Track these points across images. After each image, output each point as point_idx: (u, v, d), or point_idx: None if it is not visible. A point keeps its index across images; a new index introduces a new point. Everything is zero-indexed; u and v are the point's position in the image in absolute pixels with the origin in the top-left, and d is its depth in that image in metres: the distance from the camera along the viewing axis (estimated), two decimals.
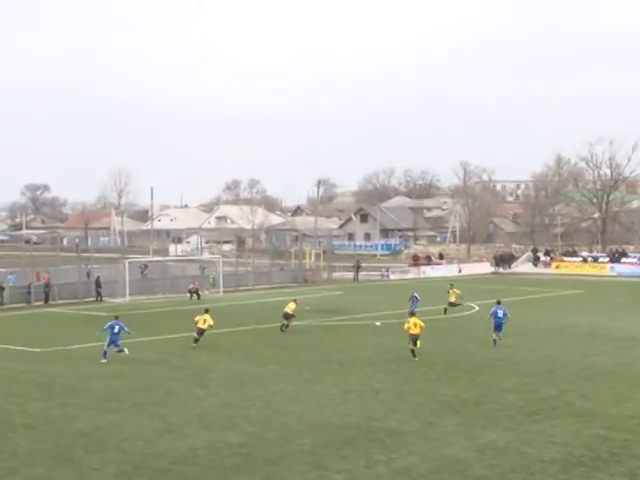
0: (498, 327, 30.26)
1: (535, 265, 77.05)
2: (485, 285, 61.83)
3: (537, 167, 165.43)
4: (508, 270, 77.26)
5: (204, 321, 30.83)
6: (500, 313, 30.37)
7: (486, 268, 77.83)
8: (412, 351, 27.26)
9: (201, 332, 31.13)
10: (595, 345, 30.52)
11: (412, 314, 28.63)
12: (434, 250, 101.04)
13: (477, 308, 44.12)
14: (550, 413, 19.91)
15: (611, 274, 70.40)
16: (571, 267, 73.42)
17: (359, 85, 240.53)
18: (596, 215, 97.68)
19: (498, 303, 31.06)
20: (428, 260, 79.86)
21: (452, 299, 39.39)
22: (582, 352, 28.81)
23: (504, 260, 78.80)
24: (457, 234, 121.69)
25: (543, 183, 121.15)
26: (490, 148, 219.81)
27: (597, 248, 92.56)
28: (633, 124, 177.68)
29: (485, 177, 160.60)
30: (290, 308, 35.09)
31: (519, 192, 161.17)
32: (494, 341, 30.12)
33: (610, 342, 31.20)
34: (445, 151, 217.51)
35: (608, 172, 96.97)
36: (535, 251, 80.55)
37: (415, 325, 27.42)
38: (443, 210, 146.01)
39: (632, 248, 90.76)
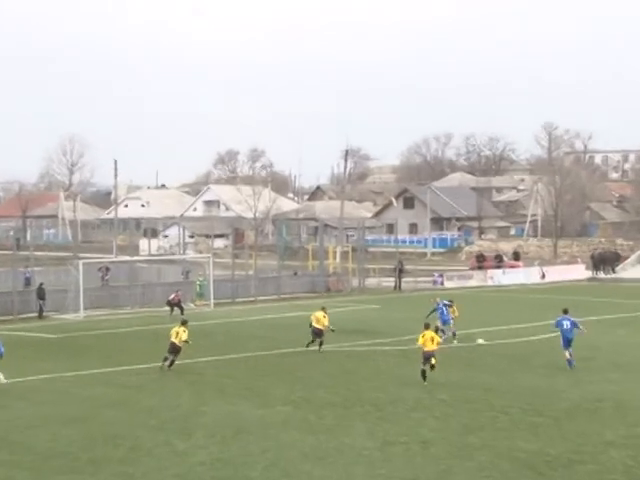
0: (567, 342, 32.71)
1: None
2: (578, 296, 61.48)
3: None
4: (611, 275, 76.86)
5: (176, 334, 32.09)
6: (567, 324, 32.80)
7: (580, 272, 77.59)
8: (423, 372, 29.57)
9: (174, 349, 32.11)
10: None
11: (427, 326, 30.73)
12: (507, 247, 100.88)
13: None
14: None
15: None
16: None
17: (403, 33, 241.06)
18: None
19: (565, 312, 33.36)
20: (498, 261, 79.66)
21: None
22: None
23: (605, 261, 78.48)
24: (539, 225, 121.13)
25: None
26: (586, 106, 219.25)
27: None
28: None
29: (579, 146, 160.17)
30: (320, 322, 36.42)
31: (627, 166, 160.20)
32: (569, 362, 32.35)
33: None
34: (522, 110, 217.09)
35: None
36: None
37: (432, 340, 29.78)
38: (519, 192, 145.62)
39: None
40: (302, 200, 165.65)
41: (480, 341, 38.81)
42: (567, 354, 32.63)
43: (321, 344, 36.68)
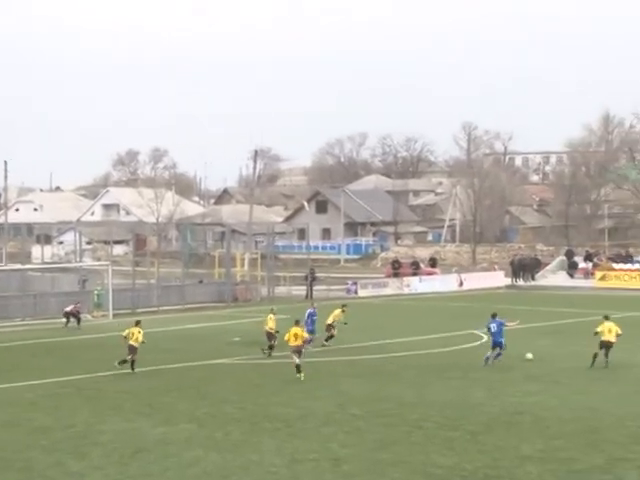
0: (494, 344, 35.85)
1: (571, 275, 78.00)
2: (497, 304, 62.16)
3: (574, 132, 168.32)
4: (531, 283, 78.08)
5: (132, 335, 35.00)
6: (493, 327, 35.90)
7: (499, 279, 78.71)
8: (297, 366, 32.97)
9: (132, 351, 34.78)
10: None
11: (296, 322, 34.54)
12: (424, 253, 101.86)
13: (485, 338, 44.50)
14: None
15: None
16: (623, 278, 74.48)
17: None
18: None
19: (493, 317, 36.37)
20: (415, 268, 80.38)
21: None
22: None
23: (525, 268, 79.68)
24: (457, 230, 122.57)
25: (583, 155, 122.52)
26: (506, 106, 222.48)
27: None
28: None
29: (499, 147, 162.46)
30: (270, 325, 38.76)
31: (548, 169, 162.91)
32: (486, 359, 35.71)
33: None
34: (442, 110, 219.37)
35: None
36: (571, 255, 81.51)
37: (296, 337, 33.46)
38: (437, 195, 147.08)
39: None
40: (208, 204, 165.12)
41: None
42: (489, 352, 36.11)
43: (271, 349, 38.21)
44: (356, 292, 70.18)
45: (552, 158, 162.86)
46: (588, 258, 79.60)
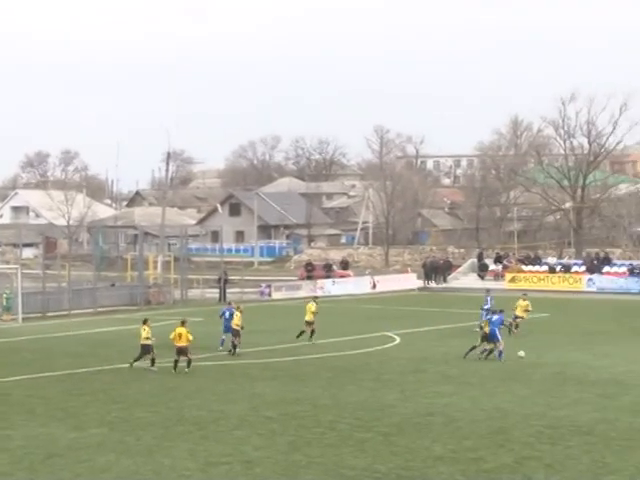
0: (492, 338, 38.00)
1: (481, 277, 78.92)
2: (409, 306, 63.01)
3: (485, 136, 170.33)
4: (443, 285, 78.87)
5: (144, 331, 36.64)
6: (495, 318, 38.82)
7: (411, 282, 79.29)
8: (175, 363, 35.01)
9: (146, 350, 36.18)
10: (565, 393, 31.49)
11: (183, 323, 35.91)
12: (337, 256, 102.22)
13: (398, 340, 44.90)
14: None
15: (589, 289, 72.90)
16: (532, 280, 75.57)
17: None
18: (568, 205, 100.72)
19: (501, 312, 40.08)
20: (327, 270, 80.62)
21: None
22: (547, 403, 29.68)
23: (437, 270, 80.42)
24: (370, 233, 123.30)
25: (493, 159, 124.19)
26: (418, 109, 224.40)
27: (569, 252, 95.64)
28: (619, 73, 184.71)
29: (411, 150, 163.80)
30: (236, 322, 39.83)
31: (459, 172, 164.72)
32: (484, 351, 38.08)
33: (587, 388, 32.26)
34: (354, 113, 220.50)
35: (585, 143, 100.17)
36: (481, 257, 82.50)
37: (180, 336, 35.23)
38: (350, 198, 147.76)
39: (618, 253, 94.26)
40: (120, 206, 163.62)
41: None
42: (485, 345, 38.35)
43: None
44: (270, 295, 70.14)
45: (463, 161, 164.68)
46: (498, 260, 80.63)
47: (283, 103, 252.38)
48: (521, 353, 38.56)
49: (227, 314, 41.42)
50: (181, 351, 35.41)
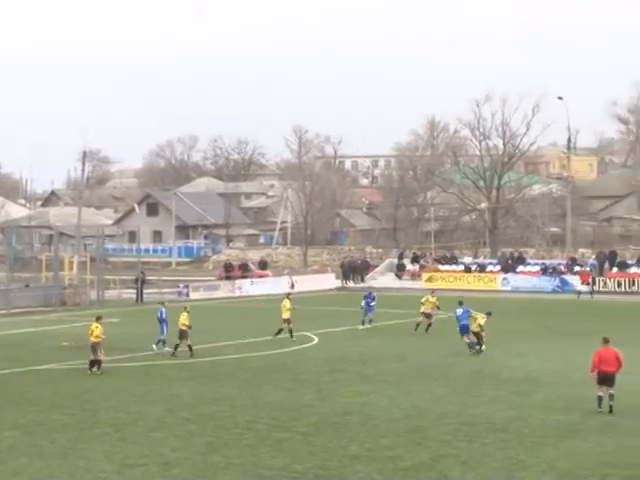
0: (463, 329, 40.04)
1: (399, 277, 79.41)
2: (328, 306, 63.15)
3: (402, 136, 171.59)
4: (361, 284, 79.14)
5: (91, 332, 35.65)
6: (459, 312, 40.72)
7: (330, 281, 79.51)
8: (91, 363, 35.03)
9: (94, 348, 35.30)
10: (481, 391, 31.81)
11: (98, 319, 36.12)
12: (256, 256, 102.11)
13: (316, 340, 44.98)
14: None
15: (504, 288, 73.81)
16: (448, 279, 76.27)
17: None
18: (483, 205, 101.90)
19: (460, 303, 41.47)
20: (245, 270, 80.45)
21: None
22: (463, 401, 29.96)
23: (355, 270, 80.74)
24: (289, 233, 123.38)
25: (410, 160, 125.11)
26: (336, 109, 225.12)
27: (485, 252, 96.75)
28: (533, 74, 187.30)
29: (329, 150, 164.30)
30: (182, 322, 39.26)
31: (377, 172, 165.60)
32: (469, 345, 39.61)
33: (502, 386, 32.60)
34: (272, 112, 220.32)
35: (500, 144, 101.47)
36: (401, 256, 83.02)
37: (91, 333, 35.48)
38: (269, 198, 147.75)
39: (532, 252, 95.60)
40: (35, 206, 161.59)
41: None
42: (465, 339, 39.91)
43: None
44: (187, 295, 69.77)
45: (381, 162, 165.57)
46: (415, 260, 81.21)
47: (200, 102, 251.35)
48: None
49: (163, 314, 41.24)
50: (92, 348, 35.35)
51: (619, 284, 70.56)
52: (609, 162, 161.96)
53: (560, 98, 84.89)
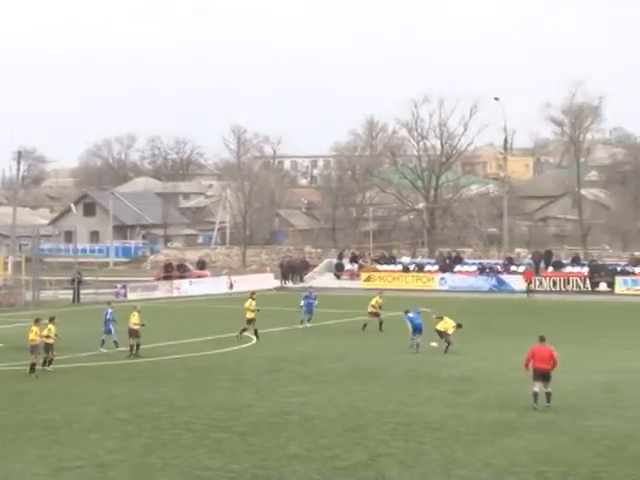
0: (417, 329, 40.60)
1: (338, 277, 79.59)
2: (267, 306, 62.83)
3: (341, 137, 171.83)
4: (300, 284, 79.23)
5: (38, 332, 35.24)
6: (412, 315, 41.41)
7: (269, 281, 79.42)
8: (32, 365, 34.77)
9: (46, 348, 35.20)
10: (419, 390, 31.97)
11: (37, 321, 35.38)
12: (195, 256, 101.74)
13: (255, 340, 44.91)
14: None
15: (441, 288, 74.32)
16: (387, 279, 76.60)
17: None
18: (421, 205, 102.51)
19: (406, 312, 41.90)
20: (183, 271, 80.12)
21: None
22: (401, 400, 30.08)
23: (294, 270, 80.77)
24: (227, 233, 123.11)
25: (349, 160, 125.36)
26: (275, 109, 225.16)
27: (423, 252, 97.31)
28: (469, 77, 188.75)
29: (268, 150, 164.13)
30: (134, 322, 39.37)
31: (316, 172, 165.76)
32: (416, 345, 40.23)
33: (439, 385, 32.80)
34: (211, 112, 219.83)
35: (438, 144, 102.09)
36: (340, 256, 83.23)
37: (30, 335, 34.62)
38: (207, 198, 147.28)
39: (469, 252, 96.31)
40: None
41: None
42: (415, 339, 40.61)
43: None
44: (125, 295, 69.24)
45: (320, 162, 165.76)
46: (354, 260, 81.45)
47: (138, 101, 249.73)
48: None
49: (108, 314, 41.14)
50: (31, 350, 34.92)
51: (554, 283, 71.37)
52: (544, 162, 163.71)
53: (497, 99, 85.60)
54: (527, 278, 70.63)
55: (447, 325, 40.41)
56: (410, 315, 41.51)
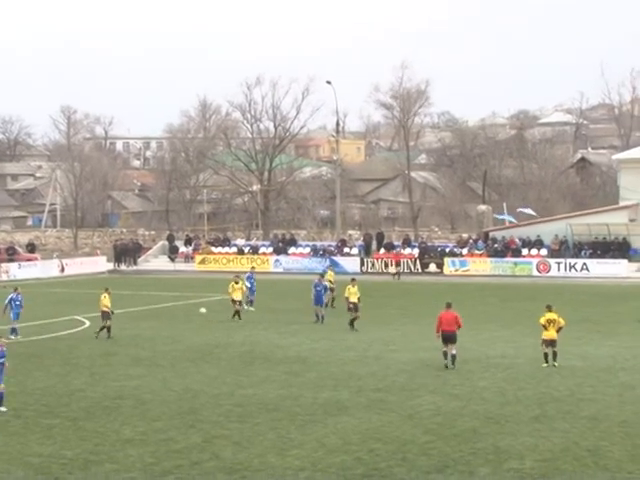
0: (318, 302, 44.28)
1: (172, 259, 79.13)
2: (99, 290, 62.10)
3: (174, 118, 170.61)
4: (133, 267, 78.53)
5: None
6: (316, 280, 44.92)
7: (102, 265, 78.42)
8: None
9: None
10: (254, 371, 32.14)
11: None
12: (24, 239, 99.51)
13: (88, 323, 44.29)
14: (190, 470, 20.61)
15: (276, 270, 74.72)
16: (222, 261, 76.58)
17: None
18: (255, 187, 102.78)
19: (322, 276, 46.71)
20: (11, 253, 78.20)
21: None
22: (235, 382, 30.19)
23: (127, 253, 79.93)
24: (58, 215, 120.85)
25: (182, 142, 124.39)
26: (106, 88, 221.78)
27: (257, 234, 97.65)
28: (305, 60, 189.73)
29: (99, 131, 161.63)
30: (105, 304, 39.51)
31: (149, 154, 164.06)
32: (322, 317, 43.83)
33: (274, 366, 33.03)
34: (40, 90, 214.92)
35: (271, 127, 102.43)
36: (172, 239, 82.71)
37: None
38: (37, 179, 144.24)
39: (303, 234, 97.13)
40: None
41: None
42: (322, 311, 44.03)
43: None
44: None
45: (152, 144, 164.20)
46: (188, 242, 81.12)
47: None
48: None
49: (17, 301, 39.71)
50: None
51: (386, 265, 72.52)
52: (376, 146, 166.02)
53: (329, 82, 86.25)
54: (395, 260, 71.43)
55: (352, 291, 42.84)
56: (315, 281, 45.45)
